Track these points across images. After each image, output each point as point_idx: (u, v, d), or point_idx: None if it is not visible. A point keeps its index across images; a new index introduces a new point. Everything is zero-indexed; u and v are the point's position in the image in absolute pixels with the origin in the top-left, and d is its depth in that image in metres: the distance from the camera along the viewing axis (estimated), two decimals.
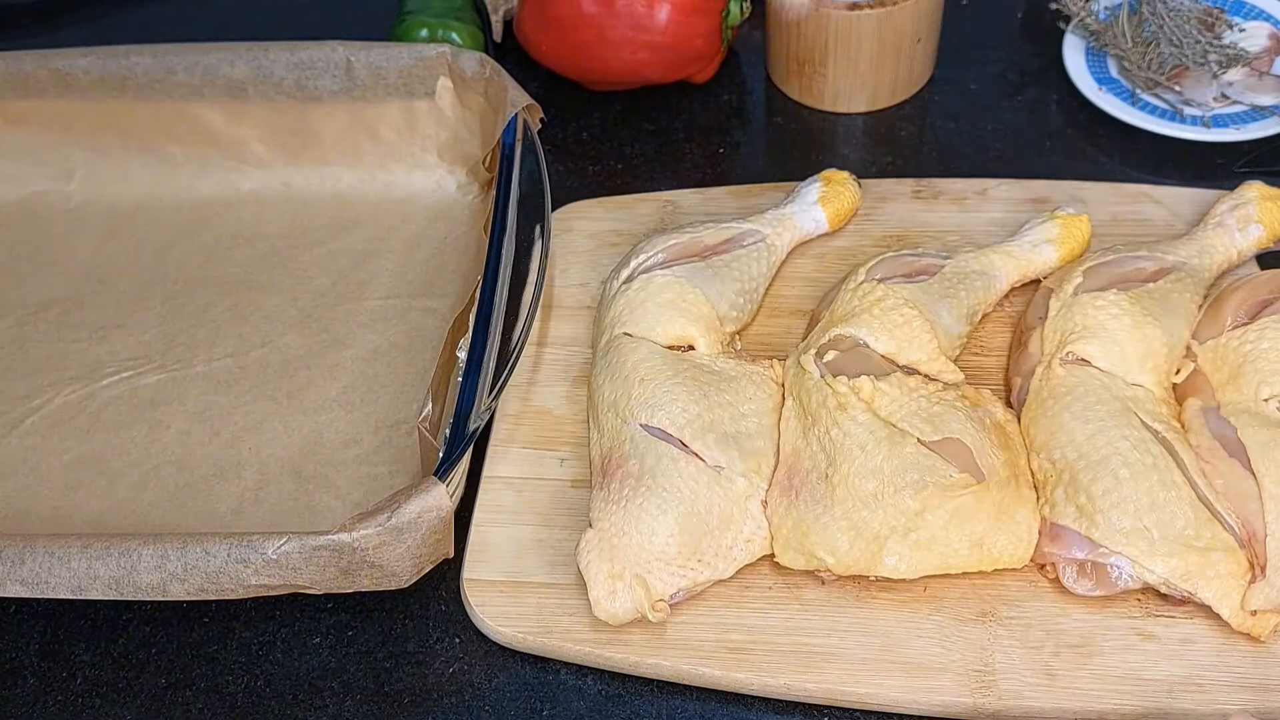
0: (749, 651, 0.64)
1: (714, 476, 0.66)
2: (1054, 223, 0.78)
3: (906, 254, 0.76)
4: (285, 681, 0.67)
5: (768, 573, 0.67)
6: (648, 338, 0.72)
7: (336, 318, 0.83)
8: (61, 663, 0.68)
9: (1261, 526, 0.62)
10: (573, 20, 0.92)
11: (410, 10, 0.97)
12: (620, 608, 0.63)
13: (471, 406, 0.66)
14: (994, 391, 0.71)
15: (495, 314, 0.70)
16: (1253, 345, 0.68)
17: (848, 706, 0.63)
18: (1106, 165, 0.90)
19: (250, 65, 0.87)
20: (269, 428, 0.77)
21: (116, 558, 0.62)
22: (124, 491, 0.75)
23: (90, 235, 0.91)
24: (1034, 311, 0.74)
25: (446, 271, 0.86)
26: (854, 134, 0.95)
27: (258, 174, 0.92)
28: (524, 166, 0.81)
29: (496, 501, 0.71)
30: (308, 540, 0.61)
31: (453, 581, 0.69)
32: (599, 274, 0.82)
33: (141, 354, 0.83)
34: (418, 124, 0.89)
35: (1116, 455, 0.64)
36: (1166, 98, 0.91)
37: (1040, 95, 0.96)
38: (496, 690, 0.66)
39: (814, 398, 0.68)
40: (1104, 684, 0.61)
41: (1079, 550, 0.63)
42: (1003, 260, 0.76)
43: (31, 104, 0.91)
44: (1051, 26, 0.98)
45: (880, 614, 0.65)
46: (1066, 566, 0.64)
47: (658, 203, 0.87)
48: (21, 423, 0.79)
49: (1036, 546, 0.65)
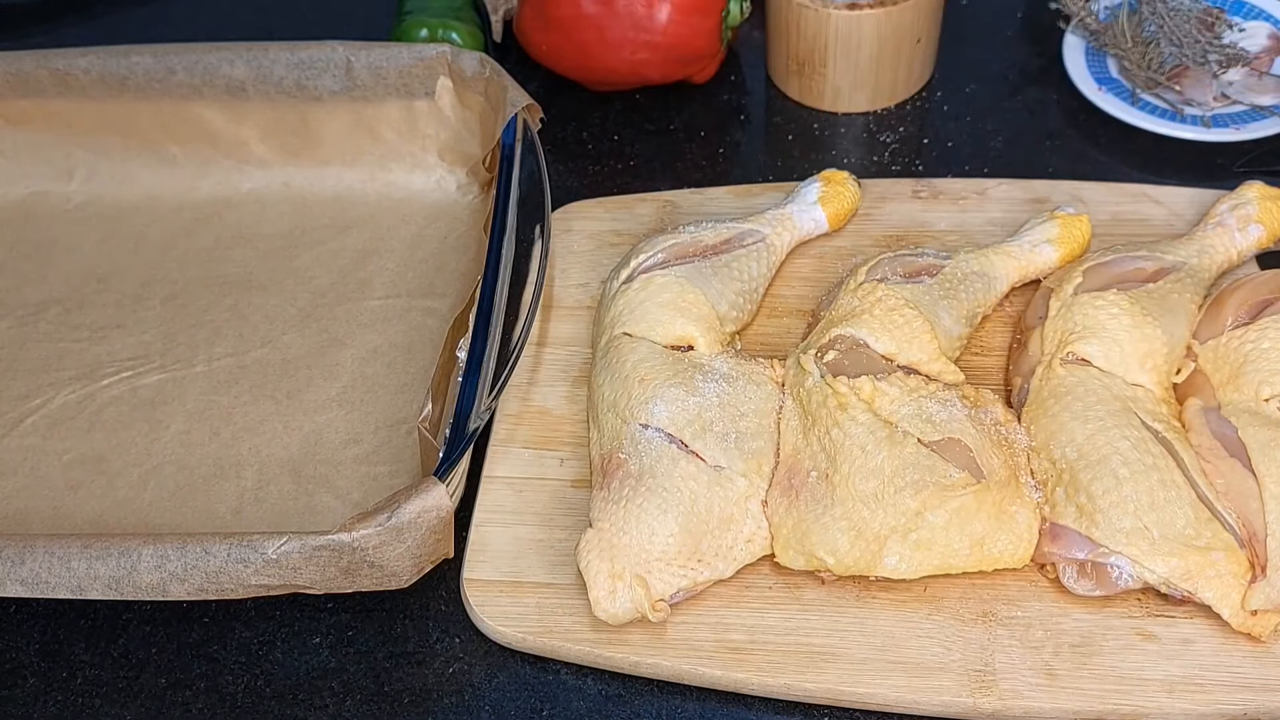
0: (749, 651, 0.64)
1: (714, 476, 0.66)
2: (1054, 223, 0.78)
3: (906, 254, 0.76)
4: (285, 681, 0.67)
5: (768, 573, 0.67)
6: (648, 338, 0.72)
7: (336, 318, 0.84)
8: (61, 663, 0.68)
9: (1262, 526, 0.62)
10: (573, 20, 0.92)
11: (410, 10, 0.97)
12: (620, 608, 0.63)
13: (471, 406, 0.66)
14: (994, 391, 0.71)
15: (495, 314, 0.70)
16: (1253, 345, 0.68)
17: (848, 706, 0.63)
18: (1106, 165, 0.90)
19: (250, 65, 0.87)
20: (269, 427, 0.77)
21: (116, 558, 0.62)
22: (124, 491, 0.75)
23: (90, 235, 0.91)
24: (1034, 311, 0.74)
25: (446, 271, 0.86)
26: (854, 134, 0.95)
27: (258, 174, 0.93)
28: (524, 166, 0.81)
29: (496, 501, 0.71)
30: (308, 540, 0.61)
31: (453, 581, 0.69)
32: (599, 274, 0.82)
33: (141, 354, 0.83)
34: (418, 124, 0.89)
35: (1116, 455, 0.64)
36: (1166, 98, 0.91)
37: (1040, 95, 0.96)
38: (496, 690, 0.66)
39: (814, 398, 0.68)
40: (1104, 684, 0.61)
41: (1079, 550, 0.63)
42: (1003, 260, 0.76)
43: (31, 104, 0.91)
44: (1051, 26, 0.98)
45: (880, 614, 0.65)
46: (1066, 566, 0.64)
47: (658, 203, 0.87)
48: (21, 423, 0.79)
49: (1037, 546, 0.65)
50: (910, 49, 0.93)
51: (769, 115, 0.97)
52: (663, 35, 0.90)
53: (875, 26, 0.89)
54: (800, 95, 0.96)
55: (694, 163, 0.94)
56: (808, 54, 0.93)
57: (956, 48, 1.00)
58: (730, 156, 0.94)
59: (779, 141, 0.95)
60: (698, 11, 0.91)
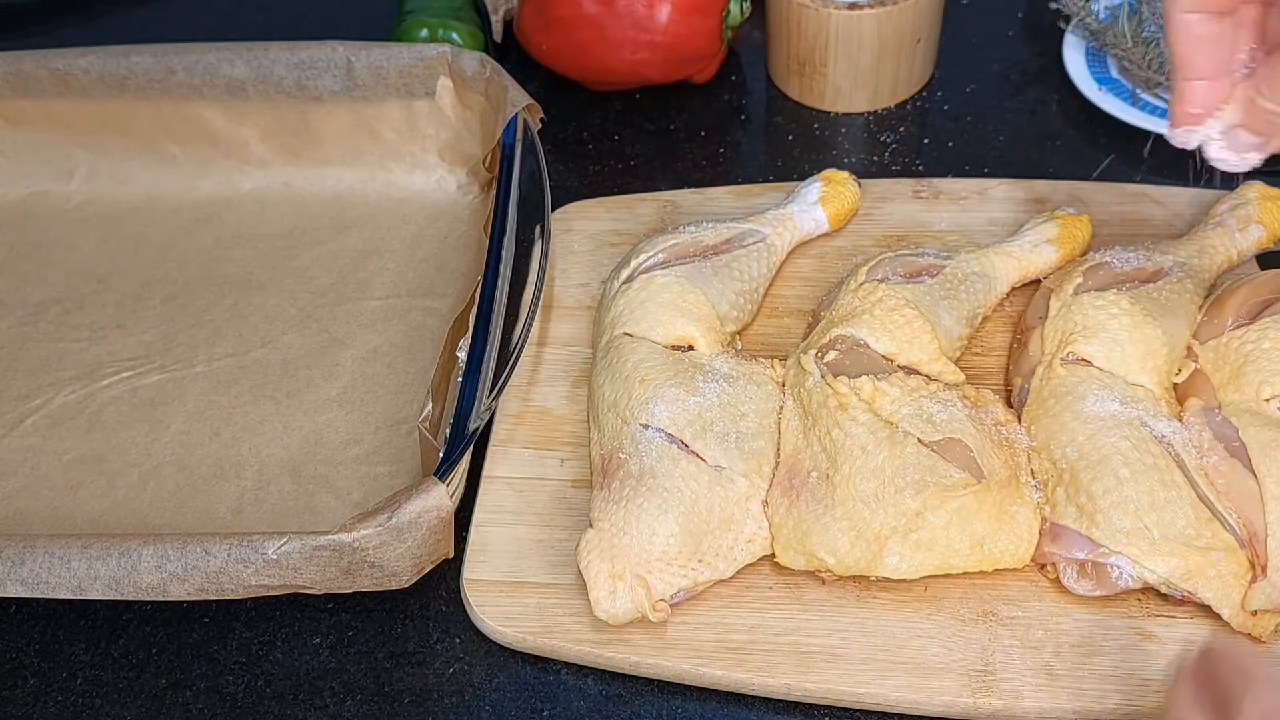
0: (749, 651, 0.64)
1: (714, 476, 0.66)
2: (1054, 223, 0.78)
3: (907, 254, 0.76)
4: (285, 681, 0.67)
5: (768, 573, 0.67)
6: (648, 338, 0.72)
7: (336, 318, 0.83)
8: (61, 663, 0.68)
9: (1263, 526, 0.62)
10: (573, 20, 0.92)
11: (410, 10, 0.97)
12: (620, 608, 0.63)
13: (471, 406, 0.66)
14: (994, 391, 0.71)
15: (495, 314, 0.70)
16: (1254, 345, 0.68)
17: (848, 706, 0.63)
18: (1106, 165, 0.90)
19: (250, 65, 0.87)
20: (269, 428, 0.77)
21: (116, 558, 0.62)
22: (124, 491, 0.75)
23: (90, 235, 0.91)
24: (1034, 311, 0.74)
25: (446, 271, 0.86)
26: (854, 134, 0.95)
27: (258, 174, 0.92)
28: (524, 166, 0.81)
29: (496, 501, 0.71)
30: (308, 540, 0.61)
31: (453, 581, 0.69)
32: (599, 274, 0.82)
33: (141, 354, 0.83)
34: (418, 124, 0.89)
35: (1117, 455, 0.64)
36: (1166, 98, 0.91)
37: (1040, 95, 0.96)
38: (496, 690, 0.66)
39: (814, 398, 0.68)
40: (1104, 684, 0.61)
41: (1080, 550, 0.63)
42: (1003, 261, 0.76)
43: (31, 104, 0.91)
44: (1051, 26, 0.98)
45: (881, 614, 0.65)
46: (1066, 566, 0.64)
47: (658, 203, 0.87)
48: (21, 423, 0.79)
49: (1037, 546, 0.65)
50: (910, 49, 0.92)
51: (769, 115, 0.97)
52: (663, 35, 0.90)
53: (875, 26, 0.89)
54: (800, 95, 0.96)
55: (694, 163, 0.94)
56: (808, 54, 0.93)
57: (956, 48, 1.00)
58: (730, 156, 0.94)
59: (779, 141, 0.95)
60: (698, 11, 0.91)
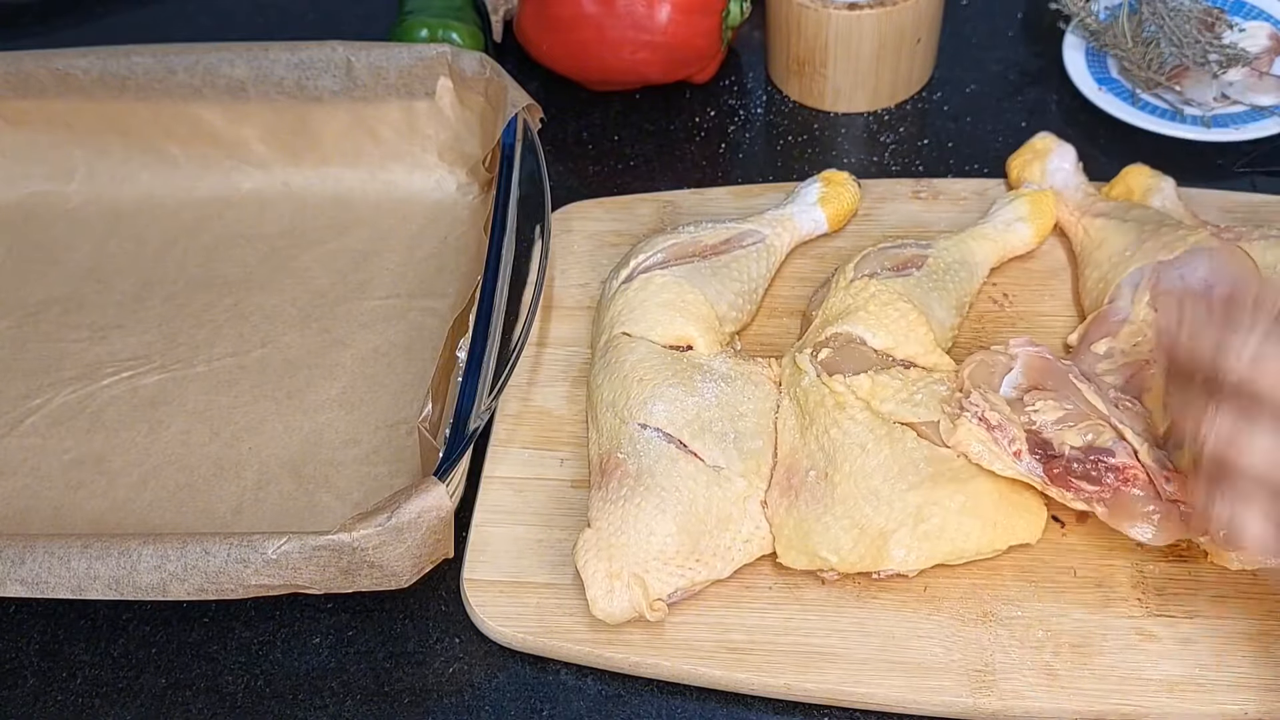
0: (749, 651, 0.64)
1: (712, 476, 0.66)
2: (1022, 200, 0.80)
3: (890, 247, 0.76)
4: (285, 681, 0.67)
5: (768, 573, 0.67)
6: (647, 337, 0.72)
7: (336, 318, 0.83)
8: (61, 663, 0.68)
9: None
10: (573, 20, 0.92)
11: (410, 10, 0.97)
12: (618, 607, 0.63)
13: (471, 406, 0.66)
14: None
15: (495, 314, 0.70)
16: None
17: (848, 706, 0.63)
18: (1106, 165, 0.90)
19: (250, 65, 0.87)
20: (269, 428, 0.77)
21: (116, 558, 0.62)
22: (124, 491, 0.75)
23: (90, 235, 0.91)
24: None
25: (446, 271, 0.86)
26: (854, 134, 0.95)
27: (258, 174, 0.92)
28: (524, 166, 0.81)
29: (496, 501, 0.71)
30: (308, 540, 0.61)
31: (453, 581, 0.69)
32: (599, 274, 0.82)
33: (141, 354, 0.83)
34: (418, 124, 0.89)
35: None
36: (1166, 98, 0.91)
37: (1040, 95, 0.96)
38: (496, 690, 0.66)
39: (811, 397, 0.68)
40: (1104, 684, 0.61)
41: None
42: (980, 244, 0.78)
43: (31, 104, 0.91)
44: (1051, 26, 0.98)
45: (880, 614, 0.65)
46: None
47: (657, 203, 0.87)
48: (21, 423, 0.79)
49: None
50: (910, 49, 0.92)
51: (769, 115, 0.97)
52: (663, 35, 0.90)
53: (875, 26, 0.89)
54: (800, 95, 0.96)
55: (694, 163, 0.94)
56: (808, 54, 0.93)
57: (956, 48, 1.00)
58: (730, 156, 0.94)
59: (779, 141, 0.95)
60: (698, 11, 0.91)
